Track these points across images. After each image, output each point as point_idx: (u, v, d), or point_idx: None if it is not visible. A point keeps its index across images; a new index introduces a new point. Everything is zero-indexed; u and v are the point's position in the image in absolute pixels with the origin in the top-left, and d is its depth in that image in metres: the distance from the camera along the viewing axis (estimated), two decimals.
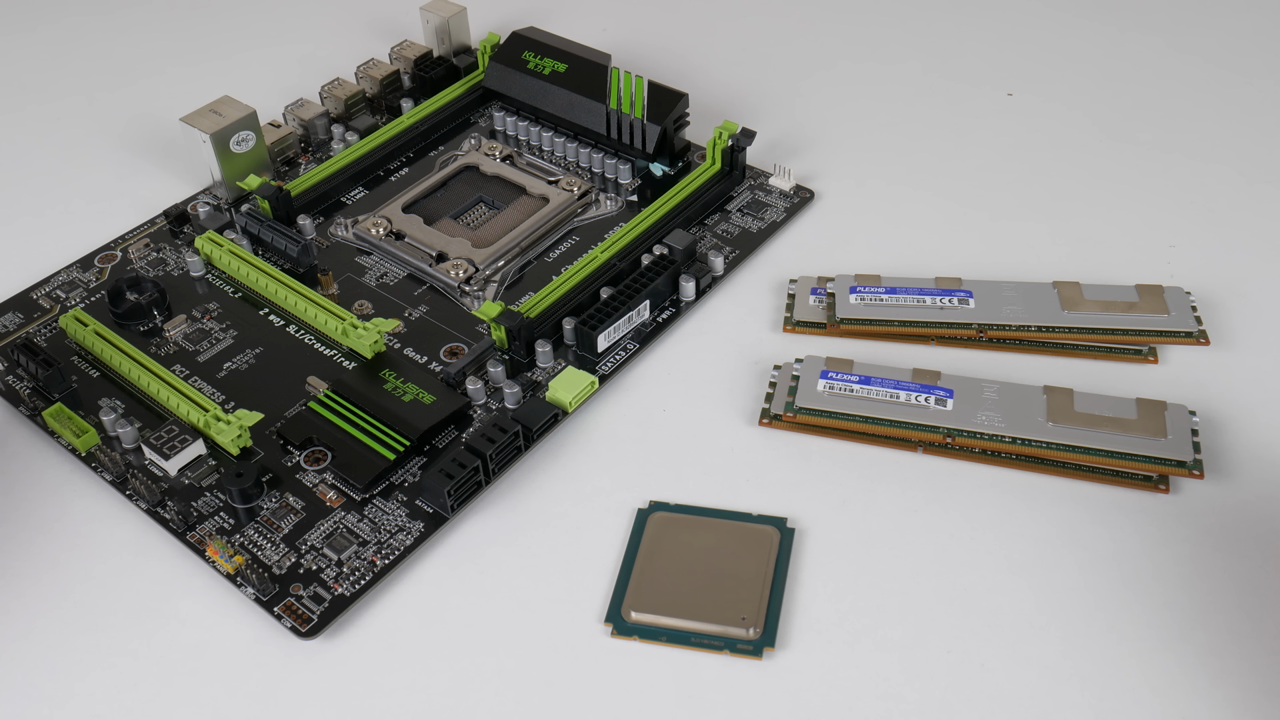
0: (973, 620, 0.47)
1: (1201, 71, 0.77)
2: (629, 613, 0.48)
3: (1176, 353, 0.58)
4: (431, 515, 0.51)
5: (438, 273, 0.62)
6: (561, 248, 0.64)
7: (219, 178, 0.68)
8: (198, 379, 0.58)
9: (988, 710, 0.45)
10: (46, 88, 0.81)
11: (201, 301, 0.62)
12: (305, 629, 0.48)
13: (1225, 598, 0.47)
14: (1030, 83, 0.77)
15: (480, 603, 0.49)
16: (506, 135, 0.72)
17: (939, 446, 0.53)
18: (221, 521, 0.51)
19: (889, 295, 0.59)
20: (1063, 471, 0.52)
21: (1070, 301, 0.58)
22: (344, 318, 0.58)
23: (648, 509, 0.52)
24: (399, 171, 0.70)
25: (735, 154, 0.66)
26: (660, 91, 0.68)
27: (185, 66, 0.82)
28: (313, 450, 0.54)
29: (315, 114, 0.72)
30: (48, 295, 0.63)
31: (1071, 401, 0.53)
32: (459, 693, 0.46)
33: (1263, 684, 0.45)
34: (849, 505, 0.52)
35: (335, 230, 0.66)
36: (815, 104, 0.75)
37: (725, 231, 0.65)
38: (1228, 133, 0.72)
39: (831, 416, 0.53)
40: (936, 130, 0.73)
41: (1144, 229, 0.65)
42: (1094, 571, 0.49)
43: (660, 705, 0.45)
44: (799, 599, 0.49)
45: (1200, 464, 0.50)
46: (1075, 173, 0.69)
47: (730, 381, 0.57)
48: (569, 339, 0.59)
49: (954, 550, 0.50)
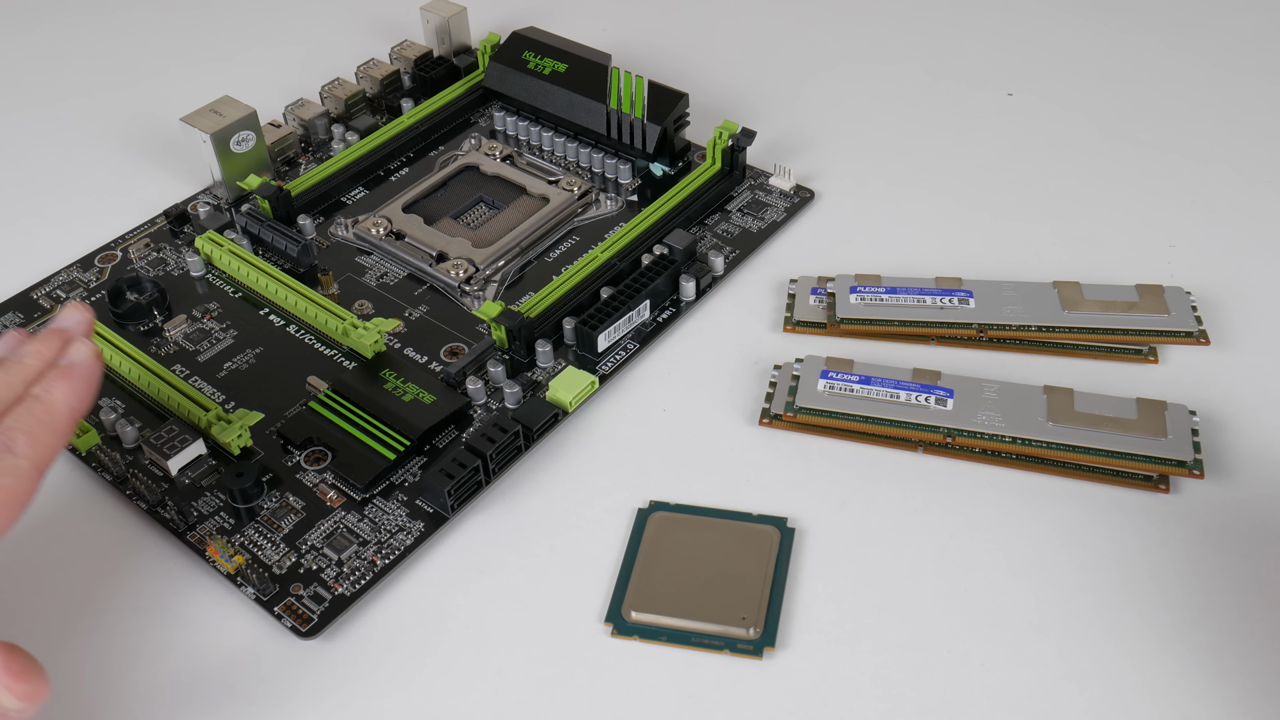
0: (973, 620, 0.47)
1: (1201, 72, 0.77)
2: (629, 613, 0.48)
3: (1176, 353, 0.58)
4: (431, 515, 0.51)
5: (438, 273, 0.62)
6: (561, 248, 0.64)
7: (219, 178, 0.68)
8: (198, 379, 0.58)
9: (988, 710, 0.45)
10: (46, 88, 0.81)
11: (201, 301, 0.62)
12: (305, 629, 0.48)
13: (1225, 598, 0.47)
14: (1030, 83, 0.77)
15: (480, 603, 0.49)
16: (506, 135, 0.72)
17: (939, 446, 0.53)
18: (221, 521, 0.51)
19: (889, 295, 0.59)
20: (1063, 471, 0.52)
21: (1070, 301, 0.58)
22: (344, 318, 0.58)
23: (648, 509, 0.52)
24: (399, 171, 0.70)
25: (735, 154, 0.66)
26: (660, 91, 0.68)
27: (185, 66, 0.82)
28: (313, 450, 0.54)
29: (315, 114, 0.72)
30: (48, 295, 0.63)
31: (1071, 401, 0.53)
32: (459, 693, 0.46)
33: (1262, 684, 0.45)
34: (849, 505, 0.52)
35: (335, 230, 0.66)
36: (815, 104, 0.75)
37: (725, 231, 0.65)
38: (1227, 133, 0.72)
39: (831, 416, 0.53)
40: (937, 130, 0.73)
41: (1144, 229, 0.65)
42: (1094, 571, 0.49)
43: (660, 705, 0.45)
44: (799, 599, 0.49)
45: (1200, 464, 0.50)
46: (1075, 173, 0.69)
47: (730, 381, 0.57)
48: (569, 339, 0.59)
49: (954, 550, 0.50)
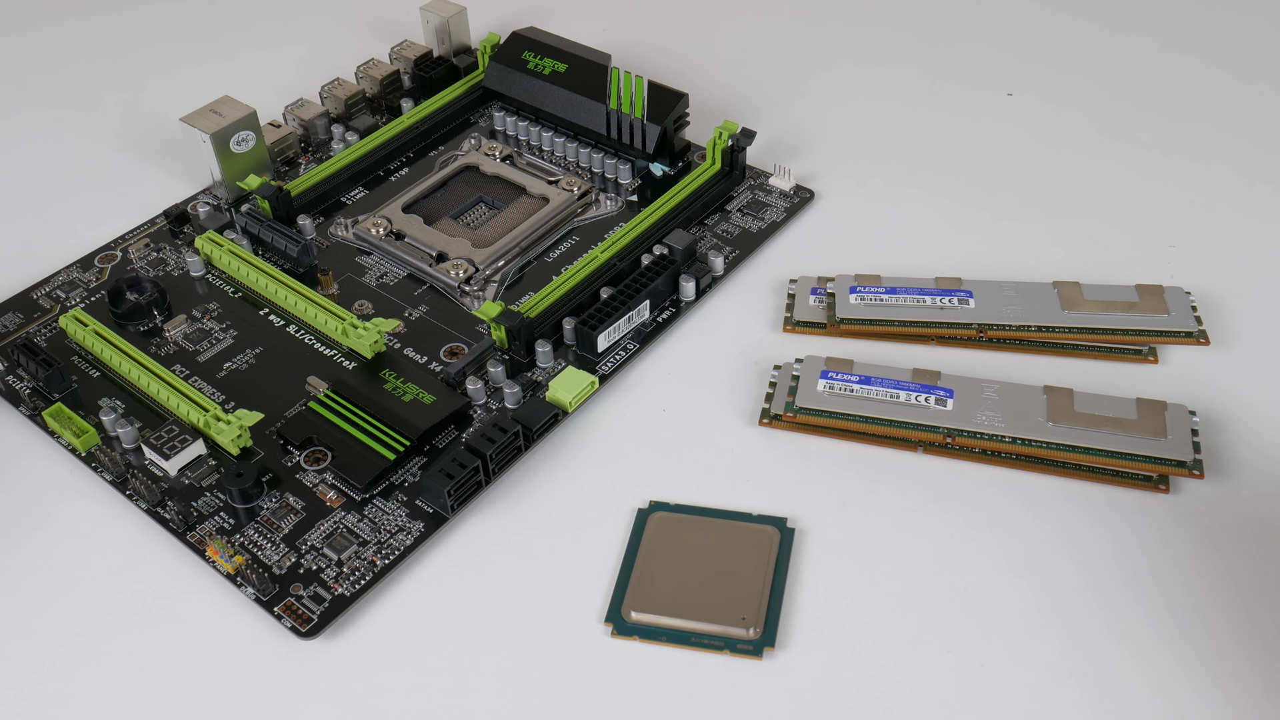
0: (973, 620, 0.47)
1: (1201, 72, 0.77)
2: (629, 613, 0.48)
3: (1176, 353, 0.58)
4: (431, 515, 0.51)
5: (438, 273, 0.62)
6: (561, 248, 0.64)
7: (219, 178, 0.68)
8: (198, 379, 0.58)
9: (988, 710, 0.45)
10: (46, 88, 0.81)
11: (201, 301, 0.62)
12: (305, 629, 0.48)
13: (1225, 598, 0.47)
14: (1030, 83, 0.77)
15: (480, 603, 0.49)
16: (506, 135, 0.72)
17: (939, 446, 0.53)
18: (221, 521, 0.51)
19: (889, 295, 0.59)
20: (1063, 471, 0.52)
21: (1070, 301, 0.58)
22: (344, 318, 0.58)
23: (648, 509, 0.52)
24: (399, 171, 0.70)
25: (735, 154, 0.66)
26: (660, 91, 0.68)
27: (185, 66, 0.82)
28: (313, 450, 0.54)
29: (315, 114, 0.72)
30: (48, 295, 0.63)
31: (1071, 401, 0.53)
32: (459, 693, 0.46)
33: (1263, 684, 0.45)
34: (849, 505, 0.52)
35: (335, 230, 0.66)
36: (815, 104, 0.75)
37: (725, 231, 0.65)
38: (1227, 133, 0.72)
39: (831, 416, 0.53)
40: (937, 130, 0.73)
41: (1144, 229, 0.65)
42: (1094, 572, 0.49)
43: (660, 705, 0.45)
44: (799, 599, 0.49)
45: (1200, 464, 0.50)
46: (1075, 173, 0.69)
47: (730, 381, 0.57)
48: (569, 339, 0.59)
49: (954, 550, 0.50)
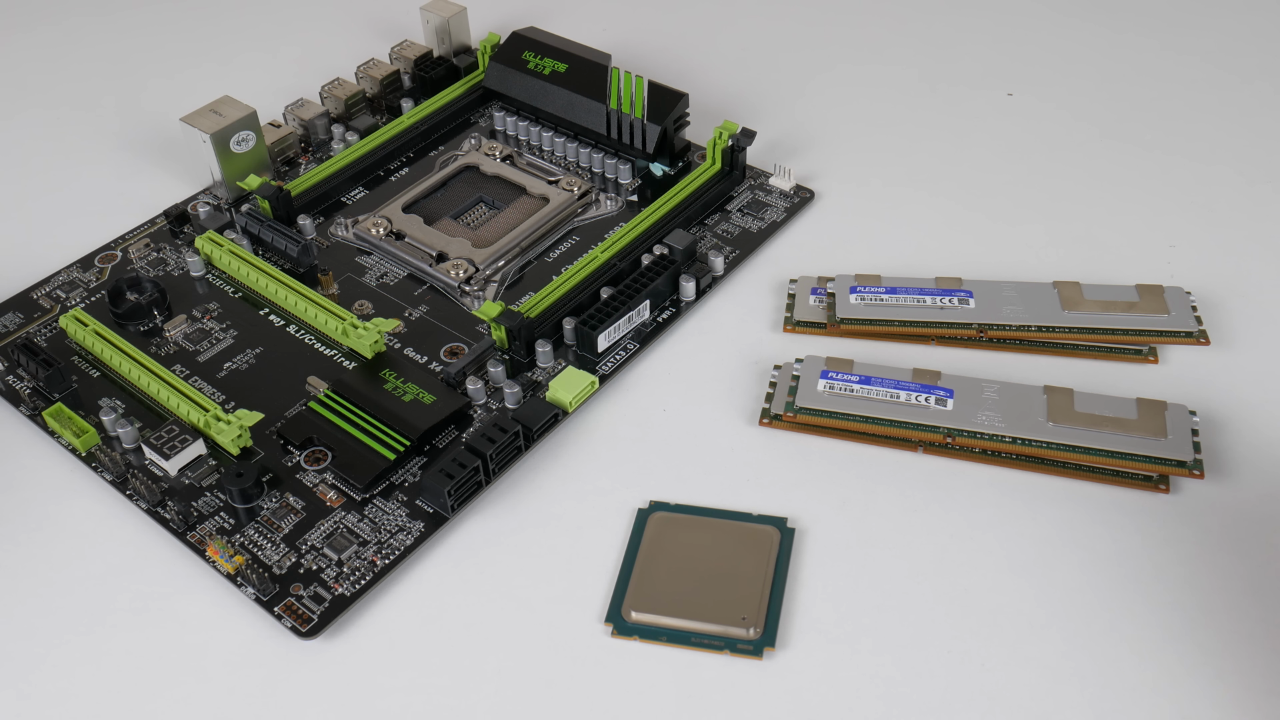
0: (973, 620, 0.47)
1: (1201, 73, 0.77)
2: (629, 613, 0.48)
3: (1176, 353, 0.58)
4: (431, 515, 0.51)
5: (438, 273, 0.62)
6: (561, 248, 0.64)
7: (219, 178, 0.68)
8: (198, 379, 0.58)
9: (988, 710, 0.45)
10: (46, 88, 0.80)
11: (201, 301, 0.62)
12: (305, 629, 0.48)
13: (1225, 597, 0.47)
14: (1030, 83, 0.77)
15: (480, 602, 0.49)
16: (506, 135, 0.72)
17: (939, 446, 0.53)
18: (221, 521, 0.51)
19: (889, 295, 0.59)
20: (1063, 471, 0.52)
21: (1070, 301, 0.58)
22: (344, 318, 0.58)
23: (648, 509, 0.52)
24: (399, 171, 0.70)
25: (735, 154, 0.66)
26: (660, 91, 0.68)
27: (185, 67, 0.82)
28: (313, 450, 0.54)
29: (315, 114, 0.72)
30: (48, 295, 0.63)
31: (1071, 401, 0.53)
32: (459, 693, 0.46)
33: (1264, 683, 0.45)
34: (849, 505, 0.52)
35: (335, 230, 0.66)
36: (816, 104, 0.75)
37: (725, 231, 0.65)
38: (1227, 133, 0.72)
39: (831, 416, 0.53)
40: (937, 131, 0.73)
41: (1144, 229, 0.65)
42: (1094, 571, 0.49)
43: (660, 705, 0.45)
44: (799, 599, 0.49)
45: (1200, 464, 0.50)
46: (1075, 173, 0.69)
47: (730, 381, 0.57)
48: (569, 339, 0.59)
49: (954, 550, 0.50)
